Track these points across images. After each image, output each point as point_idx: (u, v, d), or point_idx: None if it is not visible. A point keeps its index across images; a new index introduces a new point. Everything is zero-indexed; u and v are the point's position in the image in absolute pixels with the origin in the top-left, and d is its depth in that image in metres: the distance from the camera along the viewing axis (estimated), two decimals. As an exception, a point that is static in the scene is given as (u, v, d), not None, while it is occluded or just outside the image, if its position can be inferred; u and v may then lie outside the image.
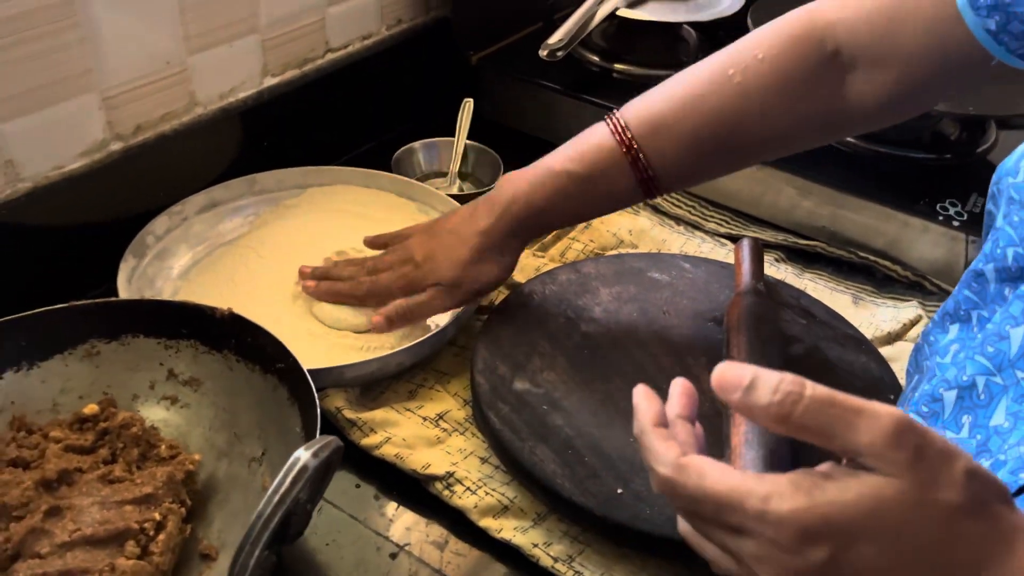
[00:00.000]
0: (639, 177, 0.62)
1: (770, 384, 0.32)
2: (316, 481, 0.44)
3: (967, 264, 0.78)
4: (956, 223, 0.77)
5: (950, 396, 0.48)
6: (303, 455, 0.40)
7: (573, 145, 0.64)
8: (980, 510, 0.32)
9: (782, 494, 0.32)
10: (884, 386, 0.63)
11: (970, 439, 0.46)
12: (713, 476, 0.34)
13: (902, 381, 0.65)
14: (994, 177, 0.50)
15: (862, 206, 0.81)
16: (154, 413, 0.59)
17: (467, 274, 0.65)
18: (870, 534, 0.32)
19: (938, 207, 0.78)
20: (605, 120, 0.63)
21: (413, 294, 0.67)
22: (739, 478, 0.34)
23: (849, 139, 0.88)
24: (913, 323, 0.73)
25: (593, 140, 0.63)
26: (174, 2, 0.73)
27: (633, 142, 0.61)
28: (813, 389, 0.32)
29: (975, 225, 0.76)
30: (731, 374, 0.33)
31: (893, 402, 0.61)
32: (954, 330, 0.51)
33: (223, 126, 0.81)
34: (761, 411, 0.33)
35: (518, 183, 0.65)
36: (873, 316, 0.75)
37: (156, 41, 0.73)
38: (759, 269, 0.69)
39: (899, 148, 0.86)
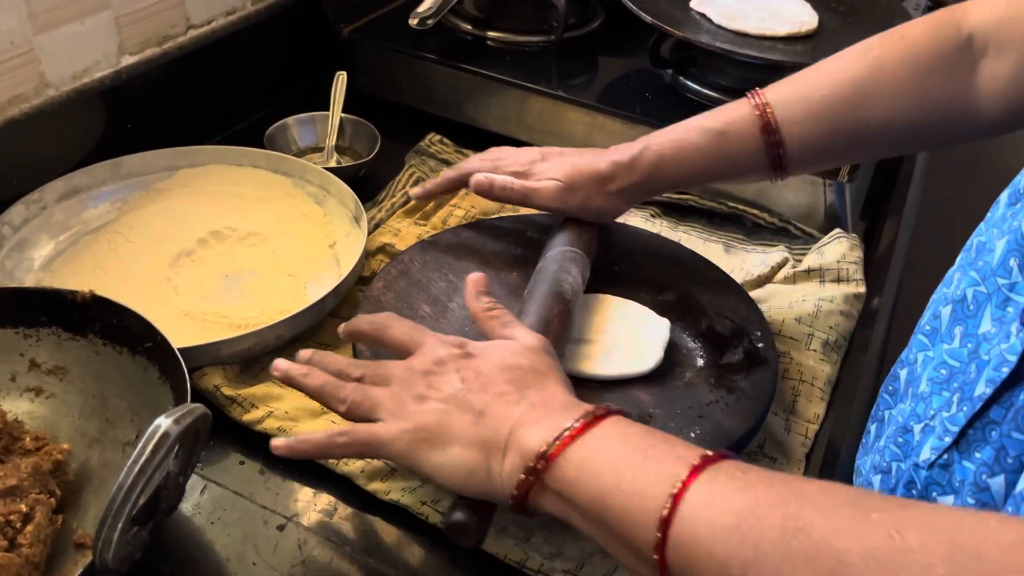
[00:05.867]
0: (768, 140, 0.62)
1: None
2: (185, 452, 0.43)
3: (827, 206, 0.83)
4: (815, 168, 0.81)
5: (946, 311, 0.51)
6: (164, 422, 0.39)
7: (713, 110, 0.65)
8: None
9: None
10: (751, 324, 0.66)
11: (962, 348, 0.49)
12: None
13: (770, 318, 0.69)
14: None
15: (729, 158, 0.84)
16: (17, 406, 0.57)
17: (587, 186, 0.65)
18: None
19: (798, 154, 0.82)
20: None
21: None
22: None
23: (715, 94, 0.91)
24: (780, 266, 0.77)
25: (729, 105, 0.64)
26: (14, -21, 0.69)
27: (767, 107, 0.62)
28: None
29: (832, 171, 0.80)
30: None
31: (760, 338, 0.64)
32: (958, 259, 0.54)
33: (80, 108, 0.77)
34: None
35: (651, 136, 0.65)
36: (744, 262, 0.79)
37: (-4, 20, 0.69)
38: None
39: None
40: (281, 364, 0.52)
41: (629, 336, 0.62)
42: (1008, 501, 0.41)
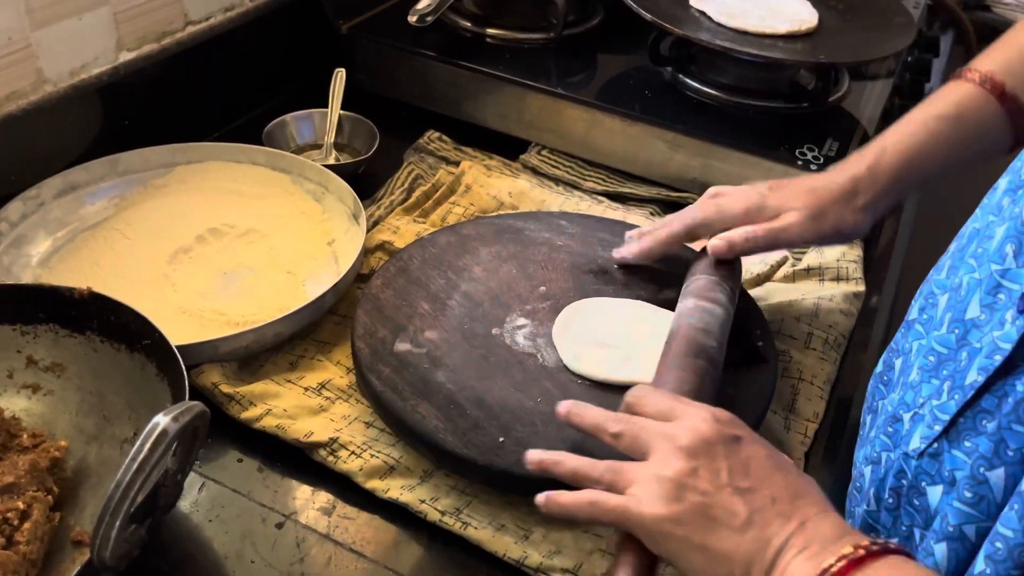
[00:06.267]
0: (1009, 109, 0.59)
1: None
2: (183, 449, 0.43)
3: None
4: (814, 166, 0.81)
5: (943, 299, 0.52)
6: (162, 420, 0.39)
7: (929, 99, 0.62)
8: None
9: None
10: (751, 322, 0.65)
11: (949, 334, 0.49)
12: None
13: (769, 317, 0.69)
14: None
15: (729, 155, 0.84)
16: (14, 403, 0.56)
17: (834, 207, 0.61)
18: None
19: (797, 152, 0.82)
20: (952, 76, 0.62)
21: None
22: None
23: (715, 92, 0.91)
24: (780, 264, 0.77)
25: (945, 90, 0.61)
26: (11, -26, 0.69)
27: (993, 77, 0.59)
28: None
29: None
30: None
31: (759, 336, 0.64)
32: (950, 247, 0.55)
33: (77, 104, 0.77)
34: None
35: (882, 140, 0.62)
36: (744, 260, 0.78)
37: (-6, 16, 0.69)
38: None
39: (761, 99, 0.90)
40: (534, 456, 0.49)
41: (648, 341, 0.62)
42: (1014, 498, 0.41)
